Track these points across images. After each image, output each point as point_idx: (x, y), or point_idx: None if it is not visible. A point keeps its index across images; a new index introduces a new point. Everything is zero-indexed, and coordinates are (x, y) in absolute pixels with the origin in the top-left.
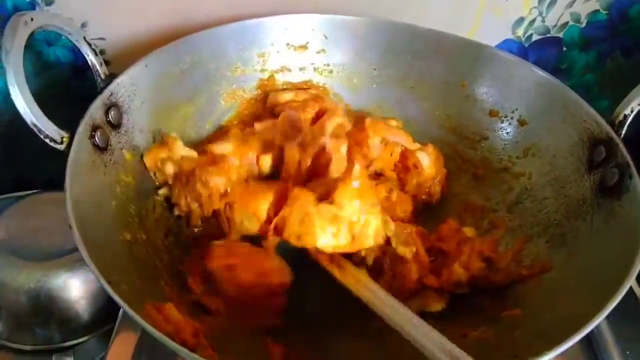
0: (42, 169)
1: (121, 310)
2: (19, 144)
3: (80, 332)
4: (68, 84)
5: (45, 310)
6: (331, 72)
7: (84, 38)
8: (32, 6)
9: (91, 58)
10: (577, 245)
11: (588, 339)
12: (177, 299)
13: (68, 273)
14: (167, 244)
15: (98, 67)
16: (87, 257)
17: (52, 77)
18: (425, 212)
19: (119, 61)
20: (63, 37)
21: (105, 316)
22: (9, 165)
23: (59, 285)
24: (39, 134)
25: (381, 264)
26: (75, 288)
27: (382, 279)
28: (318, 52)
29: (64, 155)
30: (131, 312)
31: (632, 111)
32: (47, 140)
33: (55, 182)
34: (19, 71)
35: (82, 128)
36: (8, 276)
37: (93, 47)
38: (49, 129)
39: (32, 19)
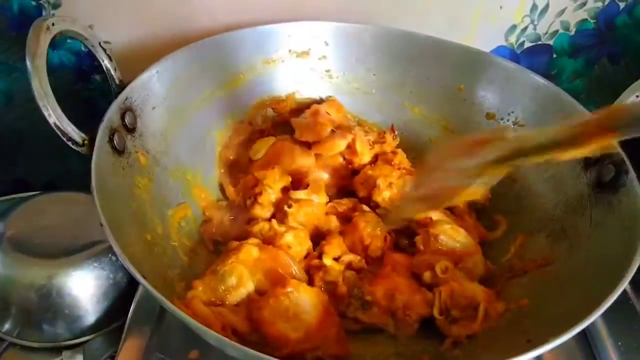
0: (42, 172)
1: (132, 308)
2: (19, 147)
3: (89, 329)
4: (72, 87)
5: (55, 308)
6: (332, 77)
7: (100, 44)
8: (39, 8)
9: (106, 63)
10: (577, 238)
11: (583, 332)
12: None
13: (77, 271)
14: (182, 250)
15: (112, 72)
16: (120, 254)
17: (56, 80)
18: None
19: (124, 65)
20: (67, 41)
21: (113, 314)
22: (8, 168)
23: (68, 283)
24: (62, 136)
25: None
26: (85, 285)
27: None
28: (320, 59)
29: (68, 157)
30: (171, 307)
31: None
32: (69, 143)
33: (54, 185)
34: (43, 75)
35: (102, 132)
36: (18, 273)
37: (108, 52)
38: (71, 132)
39: (53, 24)
